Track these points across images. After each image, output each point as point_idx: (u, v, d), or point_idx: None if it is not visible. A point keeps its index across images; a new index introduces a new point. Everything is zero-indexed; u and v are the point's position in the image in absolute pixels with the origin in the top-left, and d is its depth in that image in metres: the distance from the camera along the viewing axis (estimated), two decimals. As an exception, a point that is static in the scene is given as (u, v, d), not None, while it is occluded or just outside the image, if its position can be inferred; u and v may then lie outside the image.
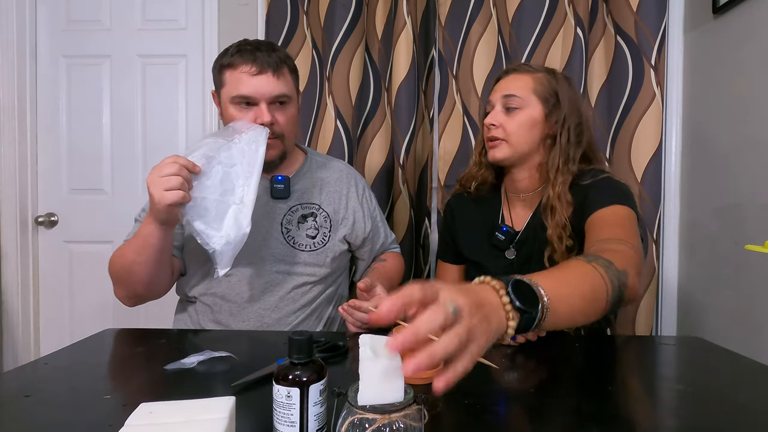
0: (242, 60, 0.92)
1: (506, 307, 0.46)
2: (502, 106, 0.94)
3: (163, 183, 0.75)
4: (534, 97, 0.92)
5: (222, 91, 0.96)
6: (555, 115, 0.92)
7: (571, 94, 0.94)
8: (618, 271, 0.61)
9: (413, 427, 0.41)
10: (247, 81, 0.92)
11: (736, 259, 1.10)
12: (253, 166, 0.85)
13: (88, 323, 1.74)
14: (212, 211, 0.81)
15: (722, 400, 0.62)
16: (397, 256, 1.18)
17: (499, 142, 0.93)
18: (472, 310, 0.41)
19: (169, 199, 0.75)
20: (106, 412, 0.55)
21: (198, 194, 0.80)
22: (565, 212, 0.87)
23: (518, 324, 0.46)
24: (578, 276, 0.59)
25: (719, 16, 1.29)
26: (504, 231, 0.95)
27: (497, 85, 0.97)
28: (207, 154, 0.82)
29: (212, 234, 0.80)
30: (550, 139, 0.93)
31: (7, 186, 1.69)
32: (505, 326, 0.46)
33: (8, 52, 1.68)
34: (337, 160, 1.18)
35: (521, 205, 0.99)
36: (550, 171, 0.91)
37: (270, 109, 0.93)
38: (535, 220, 0.95)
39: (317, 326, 1.03)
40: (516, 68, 0.97)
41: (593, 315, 0.58)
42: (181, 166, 0.76)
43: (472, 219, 1.04)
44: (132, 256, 0.86)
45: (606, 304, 0.59)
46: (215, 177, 0.82)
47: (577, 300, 0.55)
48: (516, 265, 0.94)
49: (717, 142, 1.30)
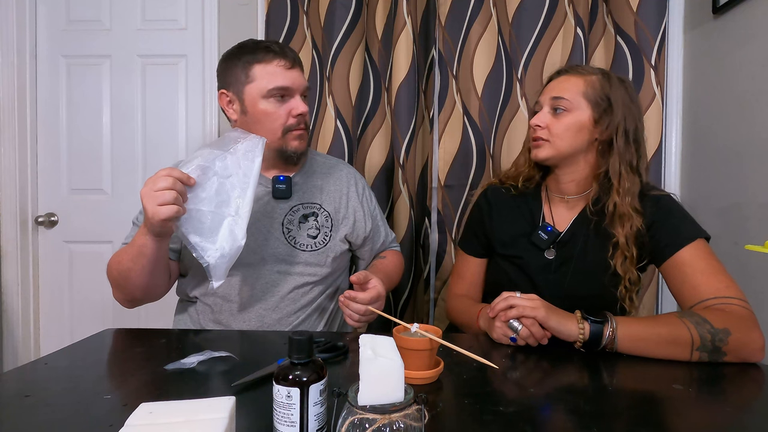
0: (275, 55, 0.95)
1: (579, 323, 0.74)
2: (549, 107, 0.92)
3: (156, 197, 0.74)
4: (583, 100, 0.90)
5: (249, 87, 0.95)
6: (606, 120, 0.90)
7: (626, 99, 0.91)
8: (714, 329, 0.70)
9: (413, 427, 0.41)
10: (284, 74, 0.95)
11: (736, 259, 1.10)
12: (249, 176, 0.83)
13: (88, 323, 1.75)
14: (207, 223, 0.80)
15: (722, 400, 0.62)
16: (396, 254, 1.18)
17: (543, 143, 0.92)
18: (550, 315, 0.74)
19: (163, 214, 0.74)
20: (106, 412, 0.55)
21: (193, 206, 0.79)
22: (636, 221, 0.86)
23: (587, 339, 0.73)
24: (660, 323, 0.73)
25: (719, 16, 1.29)
26: (548, 231, 0.94)
27: (548, 86, 0.96)
28: (203, 164, 0.81)
29: (207, 247, 0.80)
30: (603, 144, 0.92)
31: (7, 186, 1.70)
32: (576, 334, 0.73)
33: (8, 52, 1.68)
34: (337, 159, 1.18)
35: (564, 206, 0.97)
36: (613, 177, 0.89)
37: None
38: (578, 222, 0.94)
39: (318, 326, 1.03)
40: (568, 70, 0.95)
41: (672, 357, 0.71)
42: (175, 179, 0.75)
43: (510, 214, 1.01)
44: (128, 264, 0.86)
45: (690, 354, 0.71)
46: (211, 188, 0.81)
47: (650, 341, 0.72)
48: (554, 265, 0.93)
49: (717, 142, 1.30)
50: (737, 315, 0.73)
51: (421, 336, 0.63)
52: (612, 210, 0.88)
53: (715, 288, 0.77)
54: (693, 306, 0.78)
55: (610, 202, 0.88)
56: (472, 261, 1.06)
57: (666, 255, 0.84)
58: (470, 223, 1.09)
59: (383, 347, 0.47)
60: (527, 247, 0.96)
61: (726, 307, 0.75)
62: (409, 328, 0.65)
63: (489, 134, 1.51)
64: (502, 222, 1.01)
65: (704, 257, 0.81)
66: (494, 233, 1.02)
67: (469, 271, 1.06)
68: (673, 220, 0.87)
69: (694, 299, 0.78)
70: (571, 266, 0.92)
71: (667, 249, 0.84)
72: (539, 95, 0.97)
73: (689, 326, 0.71)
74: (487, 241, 1.03)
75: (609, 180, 0.90)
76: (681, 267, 0.82)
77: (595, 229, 0.91)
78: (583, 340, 0.73)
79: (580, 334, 0.73)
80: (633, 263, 0.87)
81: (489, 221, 1.03)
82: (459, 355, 0.63)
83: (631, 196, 0.87)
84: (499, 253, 1.01)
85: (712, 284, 0.78)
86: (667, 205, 0.89)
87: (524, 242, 0.97)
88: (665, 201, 0.89)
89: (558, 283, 0.92)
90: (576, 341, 0.74)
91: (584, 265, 0.91)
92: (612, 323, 0.73)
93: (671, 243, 0.84)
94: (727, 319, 0.72)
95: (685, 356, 0.71)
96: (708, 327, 0.70)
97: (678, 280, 0.82)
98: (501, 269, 1.00)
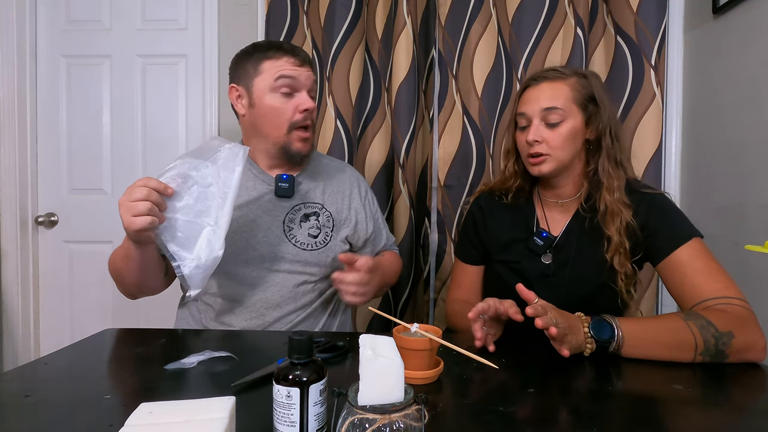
0: (285, 52, 0.97)
1: (587, 340, 0.72)
2: (541, 120, 0.89)
3: (131, 208, 0.74)
4: (574, 105, 0.89)
5: (258, 80, 0.97)
6: (596, 120, 0.89)
7: (604, 94, 0.90)
8: (718, 333, 0.70)
9: (413, 427, 0.41)
10: (292, 69, 0.96)
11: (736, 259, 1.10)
12: (229, 186, 0.81)
13: (88, 323, 1.75)
14: (185, 232, 0.79)
15: (723, 400, 0.62)
16: (394, 254, 1.18)
17: (544, 158, 0.89)
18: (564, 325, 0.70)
19: (137, 225, 0.74)
20: (106, 412, 0.55)
21: (172, 214, 0.78)
22: (625, 215, 0.86)
23: (594, 348, 0.72)
24: (665, 329, 0.73)
25: (719, 16, 1.29)
26: (544, 237, 0.93)
27: (528, 95, 0.92)
28: (183, 172, 0.80)
29: (184, 256, 0.79)
30: (592, 143, 0.91)
31: (7, 186, 1.70)
32: (584, 345, 0.72)
33: (8, 52, 1.68)
34: (340, 161, 1.19)
35: (558, 211, 0.96)
36: (603, 176, 0.89)
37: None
38: (572, 225, 0.93)
39: (318, 325, 1.03)
40: (546, 75, 0.91)
41: (676, 360, 0.71)
42: (150, 189, 0.75)
43: (504, 220, 1.00)
44: (119, 263, 0.89)
45: (693, 357, 0.70)
46: (190, 197, 0.80)
47: (655, 346, 0.72)
48: (552, 269, 0.92)
49: (717, 142, 1.30)
50: (739, 316, 0.73)
51: (421, 336, 0.63)
52: (603, 208, 0.88)
53: (715, 288, 0.77)
54: (694, 306, 0.78)
55: (601, 201, 0.89)
56: (469, 269, 1.06)
57: (663, 255, 0.84)
58: (465, 232, 1.08)
59: (383, 347, 0.47)
60: (524, 252, 0.96)
61: (727, 307, 0.75)
62: (409, 328, 0.65)
63: (489, 134, 1.51)
64: (497, 228, 1.01)
65: (702, 257, 0.81)
66: (490, 240, 1.01)
67: (467, 278, 1.06)
68: (668, 220, 0.86)
69: (695, 300, 0.78)
70: (568, 269, 0.91)
71: (664, 249, 0.84)
72: (519, 107, 0.94)
73: (694, 331, 0.70)
74: (483, 248, 1.03)
75: (598, 178, 0.90)
76: (679, 267, 0.82)
77: (589, 228, 0.91)
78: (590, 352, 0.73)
79: (588, 347, 0.72)
80: (627, 257, 0.87)
81: (484, 228, 1.03)
82: (459, 355, 0.63)
83: (619, 191, 0.88)
84: (496, 259, 1.00)
85: (711, 284, 0.78)
86: (661, 205, 0.88)
87: (520, 247, 0.96)
88: (659, 200, 0.89)
89: (556, 287, 0.92)
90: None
91: (581, 266, 0.91)
92: (618, 336, 0.71)
93: (668, 243, 0.84)
94: (731, 321, 0.71)
95: (687, 359, 0.71)
96: (712, 331, 0.70)
97: (677, 281, 0.82)
98: (498, 275, 0.99)
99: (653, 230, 0.86)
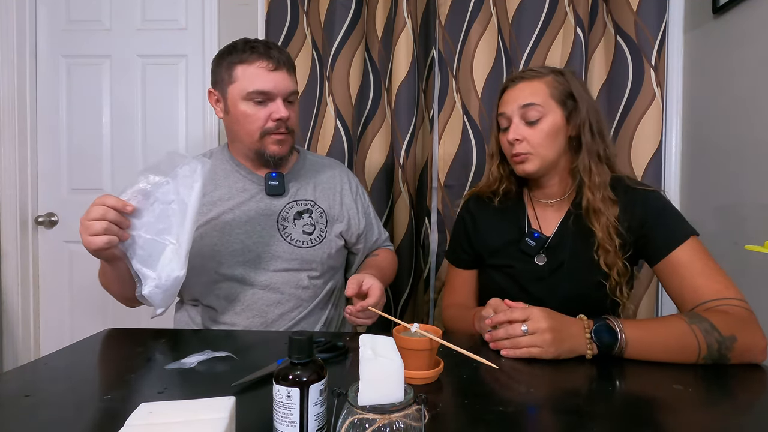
0: (258, 56, 0.93)
1: (588, 345, 0.71)
2: (520, 118, 0.89)
3: (87, 228, 0.73)
4: (552, 102, 0.88)
5: (231, 88, 0.95)
6: (575, 116, 0.89)
7: (583, 90, 0.90)
8: (722, 337, 0.69)
9: (413, 427, 0.41)
10: (265, 76, 0.93)
11: (736, 259, 1.10)
12: (188, 204, 0.77)
13: (88, 323, 1.75)
14: (148, 249, 0.77)
15: (723, 400, 0.62)
16: (389, 252, 1.18)
17: (526, 156, 0.89)
18: (544, 329, 0.71)
19: (94, 245, 0.73)
20: (106, 412, 0.55)
21: (135, 232, 0.76)
22: (611, 212, 0.86)
23: (596, 352, 0.71)
24: (669, 333, 0.71)
25: (719, 16, 1.29)
26: (536, 237, 0.92)
27: (507, 96, 0.92)
28: (144, 189, 0.77)
29: (147, 274, 0.77)
30: (575, 140, 0.91)
31: (7, 186, 1.70)
32: (585, 350, 0.71)
33: (8, 52, 1.68)
34: (330, 159, 1.19)
35: (549, 210, 0.96)
36: (583, 173, 0.88)
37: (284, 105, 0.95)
38: (564, 225, 0.93)
39: (317, 323, 1.03)
40: (523, 75, 0.92)
41: (677, 362, 0.70)
42: (107, 208, 0.73)
43: (495, 223, 0.99)
44: (101, 278, 0.92)
45: (696, 360, 0.70)
46: (151, 214, 0.77)
47: (658, 350, 0.71)
48: (546, 270, 0.92)
49: (717, 142, 1.30)
50: (741, 318, 0.73)
51: (421, 336, 0.63)
52: (586, 206, 0.88)
53: (715, 289, 0.77)
54: (694, 308, 0.78)
55: (584, 199, 0.88)
56: (462, 273, 1.05)
57: (661, 255, 0.83)
58: (456, 236, 1.08)
59: (383, 347, 0.48)
60: (517, 255, 0.95)
61: (728, 308, 0.74)
62: (409, 328, 0.65)
63: (489, 134, 1.50)
64: (488, 232, 1.00)
65: (701, 257, 0.81)
66: (481, 244, 1.00)
67: (460, 282, 1.05)
68: (665, 219, 0.86)
69: (695, 301, 0.78)
70: (563, 269, 0.90)
71: (662, 250, 0.83)
72: (499, 108, 0.94)
73: (698, 335, 0.70)
74: (475, 252, 1.02)
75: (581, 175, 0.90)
76: (677, 268, 0.81)
77: (579, 227, 0.90)
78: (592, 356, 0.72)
79: (589, 352, 0.72)
80: (618, 255, 0.86)
81: (474, 232, 1.02)
82: (459, 355, 0.63)
83: (603, 188, 0.87)
84: (488, 263, 1.00)
85: (712, 285, 0.77)
86: (657, 204, 0.87)
87: (513, 250, 0.95)
88: (654, 199, 0.88)
89: (552, 289, 0.91)
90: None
91: (576, 266, 0.90)
92: (621, 339, 0.70)
93: (665, 244, 0.83)
94: (733, 324, 0.71)
95: (690, 362, 0.70)
96: (716, 335, 0.69)
97: (676, 282, 0.82)
98: (492, 279, 0.98)
99: (650, 231, 0.86)
